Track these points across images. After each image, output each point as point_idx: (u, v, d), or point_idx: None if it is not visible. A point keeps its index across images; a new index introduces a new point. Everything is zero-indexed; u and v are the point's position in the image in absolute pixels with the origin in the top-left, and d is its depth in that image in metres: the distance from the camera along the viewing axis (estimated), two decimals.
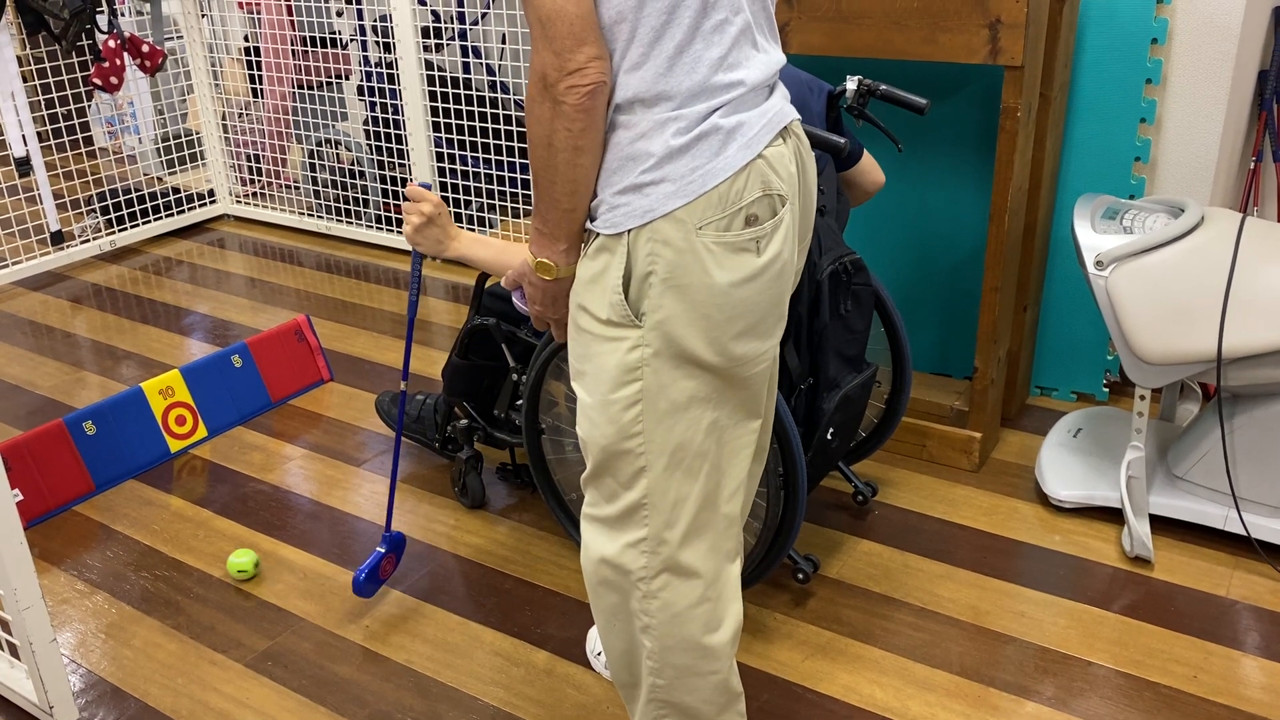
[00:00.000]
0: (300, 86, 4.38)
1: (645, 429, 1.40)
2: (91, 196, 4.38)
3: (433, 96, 3.99)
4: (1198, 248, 2.09)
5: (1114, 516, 2.39)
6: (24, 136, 3.80)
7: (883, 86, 2.06)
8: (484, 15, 3.97)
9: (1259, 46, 2.67)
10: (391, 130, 4.12)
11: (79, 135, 4.19)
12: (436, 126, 4.00)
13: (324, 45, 4.32)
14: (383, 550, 2.16)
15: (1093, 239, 2.18)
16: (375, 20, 4.03)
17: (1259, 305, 2.04)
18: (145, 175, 5.03)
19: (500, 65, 4.02)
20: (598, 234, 1.36)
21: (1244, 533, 2.22)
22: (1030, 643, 2.02)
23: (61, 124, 4.34)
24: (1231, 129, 2.63)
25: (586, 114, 1.27)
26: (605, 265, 1.35)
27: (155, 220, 4.43)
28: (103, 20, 3.70)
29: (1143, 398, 2.18)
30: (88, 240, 4.22)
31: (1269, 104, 2.73)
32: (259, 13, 4.36)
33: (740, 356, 1.39)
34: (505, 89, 3.99)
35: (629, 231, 1.32)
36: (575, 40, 1.24)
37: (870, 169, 2.27)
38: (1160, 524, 2.35)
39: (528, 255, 1.45)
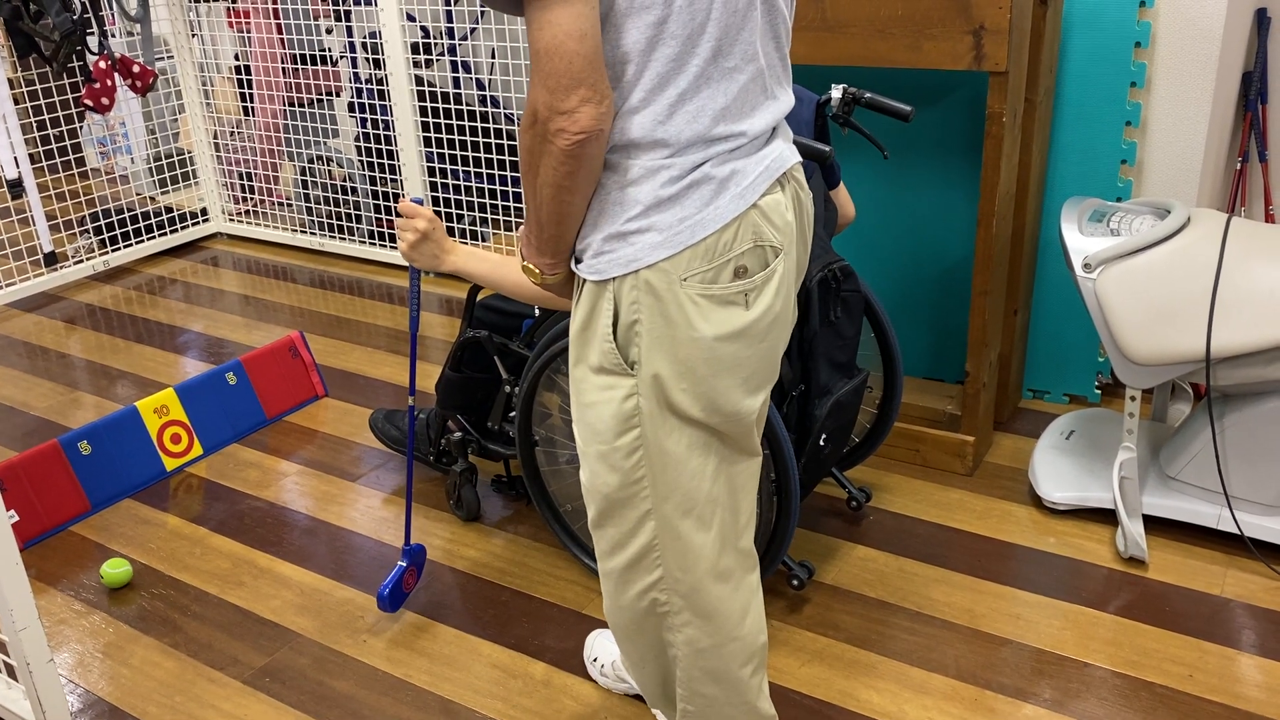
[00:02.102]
0: (291, 104, 4.40)
1: (649, 475, 1.38)
2: (84, 217, 4.38)
3: (423, 112, 4.01)
4: (1184, 248, 2.11)
5: (1108, 518, 2.39)
6: (16, 158, 3.80)
7: (868, 94, 2.08)
8: (473, 30, 3.98)
9: (1242, 48, 2.69)
10: (383, 146, 4.13)
11: (71, 156, 4.20)
12: (428, 142, 4.02)
13: (315, 62, 4.33)
14: (404, 564, 2.16)
15: (1080, 242, 2.19)
16: (365, 37, 4.04)
17: (1246, 304, 2.05)
18: (138, 195, 5.04)
19: (490, 80, 4.03)
20: (584, 280, 1.33)
21: (1237, 531, 2.23)
22: (1026, 645, 2.03)
23: (54, 145, 4.35)
24: (1217, 130, 2.65)
25: (574, 159, 1.21)
26: (593, 311, 1.33)
27: (148, 240, 4.43)
28: (93, 41, 3.71)
29: (1134, 399, 2.19)
30: (81, 261, 4.23)
31: (1254, 105, 2.75)
32: (249, 31, 4.37)
33: (730, 413, 1.36)
34: (496, 103, 4.01)
35: (614, 279, 1.29)
36: (571, 80, 1.16)
37: (844, 201, 2.27)
38: (1154, 524, 2.36)
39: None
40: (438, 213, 4.10)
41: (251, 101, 4.53)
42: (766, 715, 1.57)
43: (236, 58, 4.57)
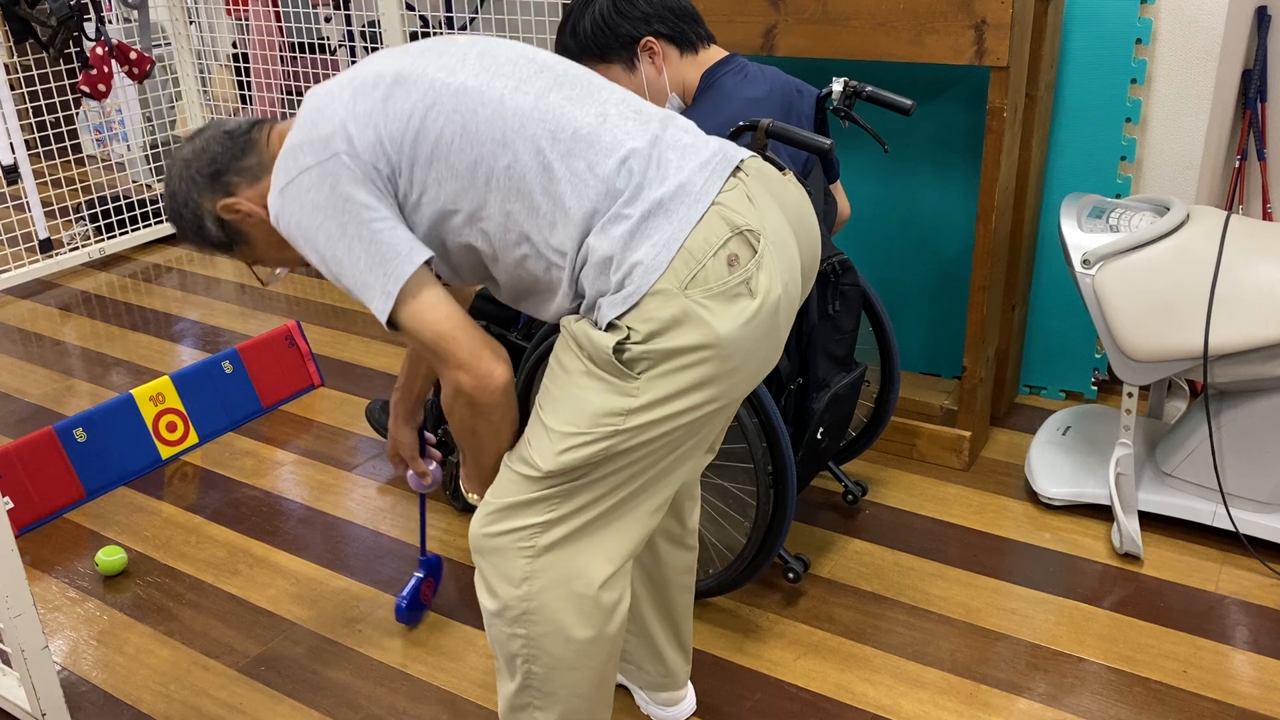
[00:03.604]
0: (289, 92, 4.38)
1: (589, 476, 1.38)
2: (80, 204, 4.37)
3: None
4: (1183, 245, 2.11)
5: (1103, 513, 2.40)
6: (11, 144, 3.79)
7: (869, 88, 2.07)
8: (473, 19, 3.97)
9: (1242, 46, 2.69)
10: None
11: (67, 143, 4.19)
12: None
13: (312, 51, 4.32)
14: (420, 575, 2.13)
15: (1079, 238, 2.19)
16: (363, 25, 4.03)
17: (1244, 302, 2.05)
18: (134, 182, 5.02)
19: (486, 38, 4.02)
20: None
21: (1232, 528, 2.24)
22: (1021, 640, 2.03)
23: (49, 131, 4.33)
24: (1216, 127, 2.65)
25: (503, 405, 1.37)
26: (594, 335, 1.34)
27: (144, 227, 4.42)
28: (90, 27, 3.69)
29: (1130, 395, 2.20)
30: (76, 248, 4.21)
31: (1253, 102, 2.75)
32: (247, 19, 4.36)
33: (737, 398, 1.39)
34: None
35: (615, 318, 1.31)
36: (471, 350, 1.32)
37: (839, 199, 2.26)
38: (1149, 520, 2.37)
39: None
40: None
41: (249, 89, 4.52)
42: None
43: (234, 45, 4.55)
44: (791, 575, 2.14)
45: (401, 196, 1.36)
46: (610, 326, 1.31)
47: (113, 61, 3.72)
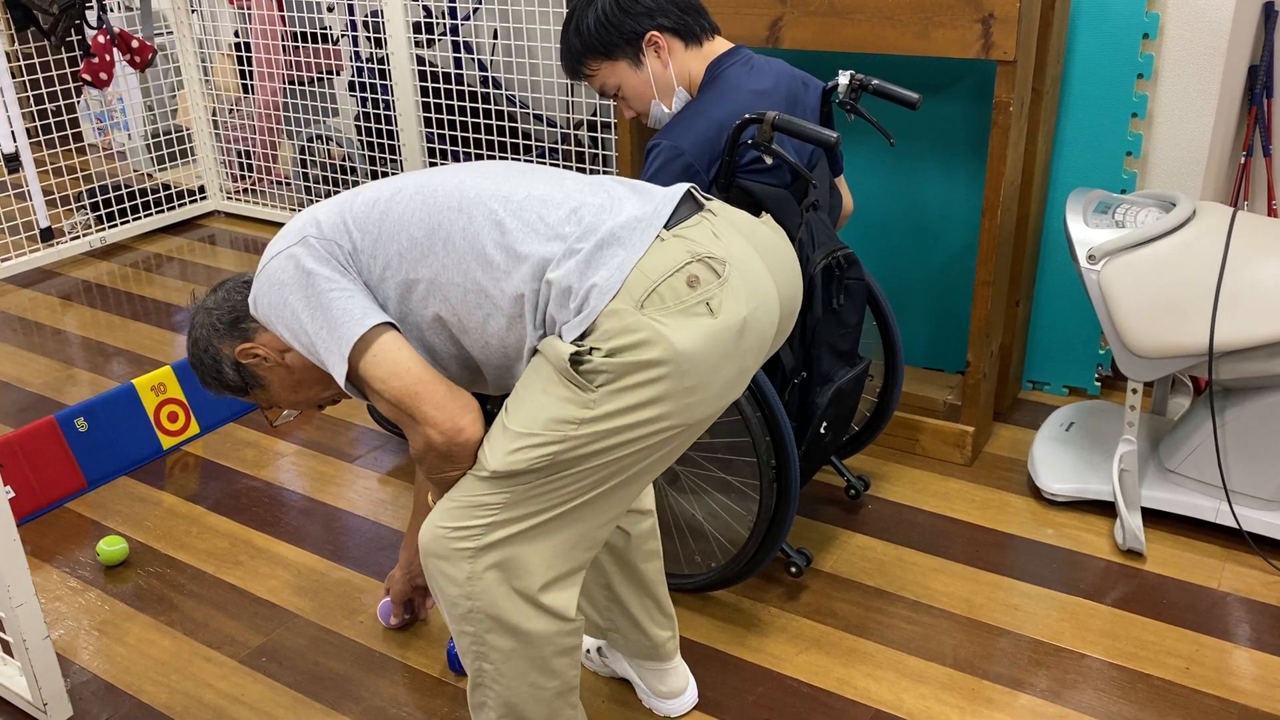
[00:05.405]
0: (291, 82, 4.37)
1: (534, 482, 1.38)
2: (81, 193, 4.36)
3: (424, 92, 3.98)
4: (1189, 242, 2.10)
5: (1106, 510, 2.40)
6: (13, 133, 3.78)
7: (875, 81, 2.06)
8: (475, 10, 3.96)
9: (1249, 41, 2.68)
10: (383, 126, 4.11)
11: (68, 131, 4.17)
12: (428, 122, 3.99)
13: (315, 40, 4.31)
14: None
15: (1085, 233, 2.19)
16: (366, 15, 4.02)
17: (1250, 299, 2.04)
18: (135, 171, 5.01)
19: (492, 61, 4.01)
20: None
21: (1235, 525, 2.23)
22: (1023, 635, 2.03)
23: (51, 120, 4.32)
24: (1222, 123, 2.64)
25: (475, 450, 1.40)
26: (556, 344, 1.36)
27: (146, 216, 4.41)
28: (92, 16, 3.68)
29: (1134, 391, 2.19)
30: (78, 237, 4.21)
31: (1259, 99, 2.74)
32: (249, 8, 4.34)
33: (696, 422, 1.39)
34: (498, 84, 3.99)
35: (575, 340, 1.33)
36: (438, 403, 1.36)
37: (842, 194, 2.26)
38: (1152, 517, 2.36)
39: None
40: None
41: (251, 79, 4.51)
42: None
43: (236, 34, 4.54)
44: (794, 570, 2.14)
45: (365, 271, 1.43)
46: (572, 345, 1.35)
47: (114, 50, 3.71)
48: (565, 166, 3.67)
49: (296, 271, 1.41)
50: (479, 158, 4.05)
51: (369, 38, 4.03)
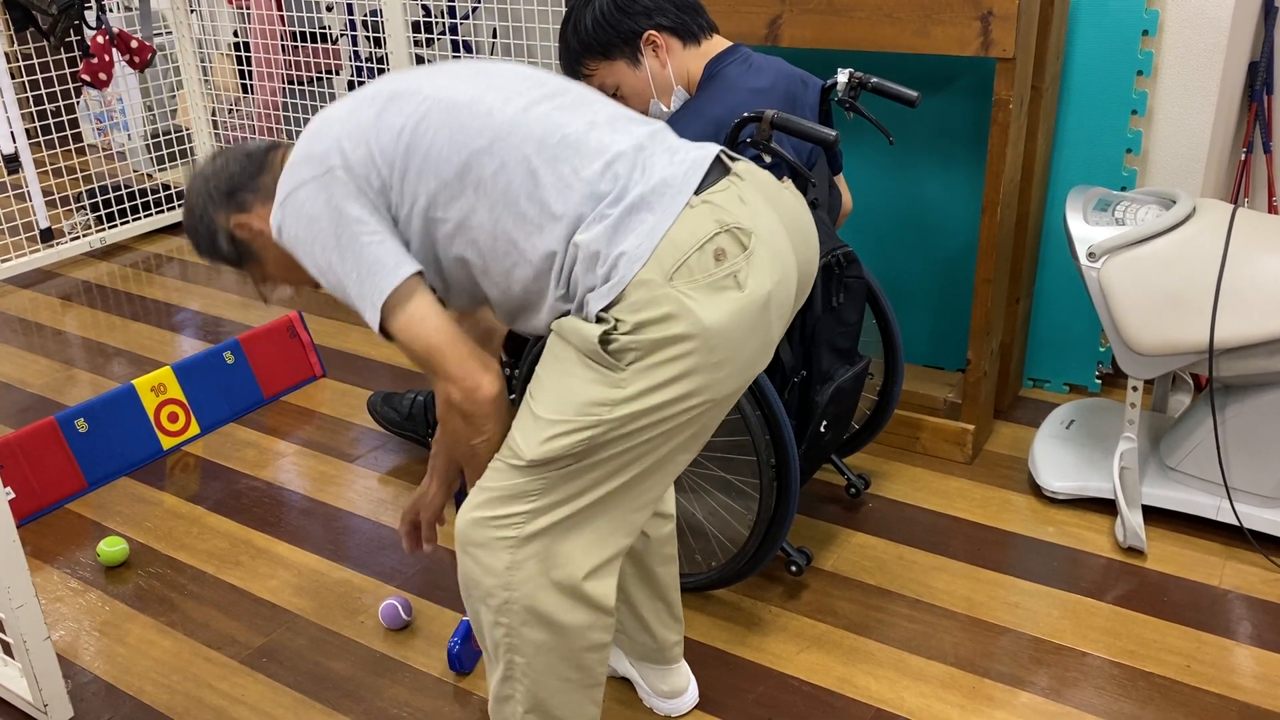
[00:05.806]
0: (290, 82, 4.37)
1: (573, 467, 1.38)
2: (81, 193, 4.36)
3: None
4: (1189, 239, 2.10)
5: (1107, 507, 2.39)
6: (12, 133, 3.78)
7: (874, 79, 2.06)
8: (475, 9, 3.96)
9: (1249, 38, 2.68)
10: None
11: (68, 132, 4.17)
12: None
13: (314, 40, 4.30)
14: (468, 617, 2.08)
15: (1085, 230, 2.19)
16: (366, 15, 4.02)
17: (1250, 296, 2.04)
18: (135, 172, 5.01)
19: (492, 60, 4.01)
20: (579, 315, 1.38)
21: (1236, 523, 2.23)
22: (1024, 633, 2.03)
23: (50, 120, 4.32)
24: (1222, 120, 2.64)
25: (494, 417, 1.41)
26: (582, 327, 1.35)
27: (146, 217, 4.41)
28: (91, 16, 3.68)
29: (1135, 389, 2.19)
30: (77, 237, 4.21)
31: (1259, 95, 2.74)
32: (248, 8, 4.34)
33: (725, 396, 1.39)
34: None
35: (602, 310, 1.33)
36: (459, 361, 1.37)
37: (841, 192, 2.25)
38: (1153, 515, 2.36)
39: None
40: None
41: (250, 79, 4.50)
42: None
43: (235, 34, 4.54)
44: (794, 568, 2.14)
45: (394, 209, 1.40)
46: (598, 319, 1.33)
47: (114, 50, 3.71)
48: None
49: (328, 208, 1.38)
50: None
51: (368, 37, 4.03)
